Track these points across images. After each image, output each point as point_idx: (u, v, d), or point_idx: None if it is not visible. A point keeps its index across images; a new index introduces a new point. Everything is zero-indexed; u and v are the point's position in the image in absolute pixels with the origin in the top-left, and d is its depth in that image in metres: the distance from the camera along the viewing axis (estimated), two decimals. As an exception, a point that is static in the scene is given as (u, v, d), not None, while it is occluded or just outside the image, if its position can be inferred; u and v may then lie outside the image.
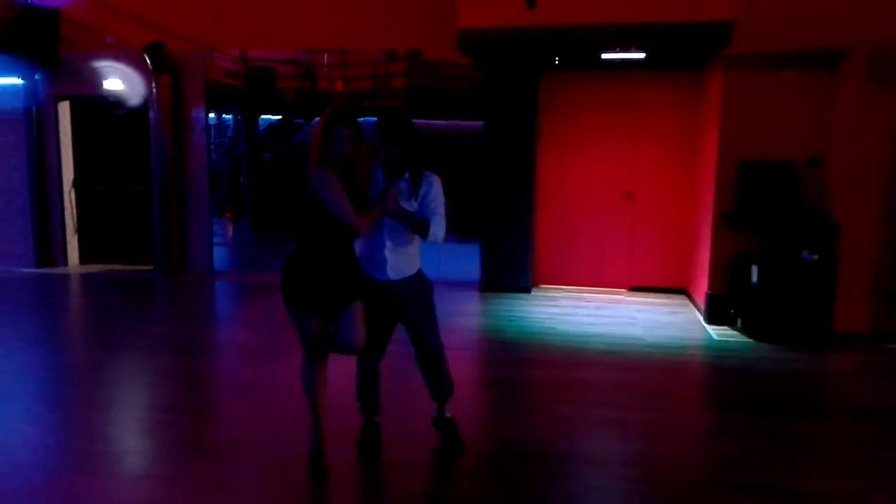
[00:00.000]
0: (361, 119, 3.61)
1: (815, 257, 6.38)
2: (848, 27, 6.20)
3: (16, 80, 9.16)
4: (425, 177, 3.71)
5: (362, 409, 4.02)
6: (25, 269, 9.30)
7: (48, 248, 9.47)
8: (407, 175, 3.69)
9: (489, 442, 4.28)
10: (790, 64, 6.66)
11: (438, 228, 3.69)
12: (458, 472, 3.87)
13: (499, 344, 6.43)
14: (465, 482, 3.79)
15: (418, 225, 3.68)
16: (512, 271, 8.28)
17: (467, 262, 8.48)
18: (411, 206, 3.68)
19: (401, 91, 8.76)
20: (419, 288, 3.83)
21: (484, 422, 4.72)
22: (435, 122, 8.56)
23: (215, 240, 9.30)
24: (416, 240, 3.79)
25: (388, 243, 3.71)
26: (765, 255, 6.54)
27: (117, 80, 9.00)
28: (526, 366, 5.82)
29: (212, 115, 9.19)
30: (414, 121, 3.76)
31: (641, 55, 7.29)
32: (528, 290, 8.29)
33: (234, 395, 5.14)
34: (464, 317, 7.35)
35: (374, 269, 3.75)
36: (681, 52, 7.31)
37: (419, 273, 3.85)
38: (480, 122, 8.25)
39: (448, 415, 4.05)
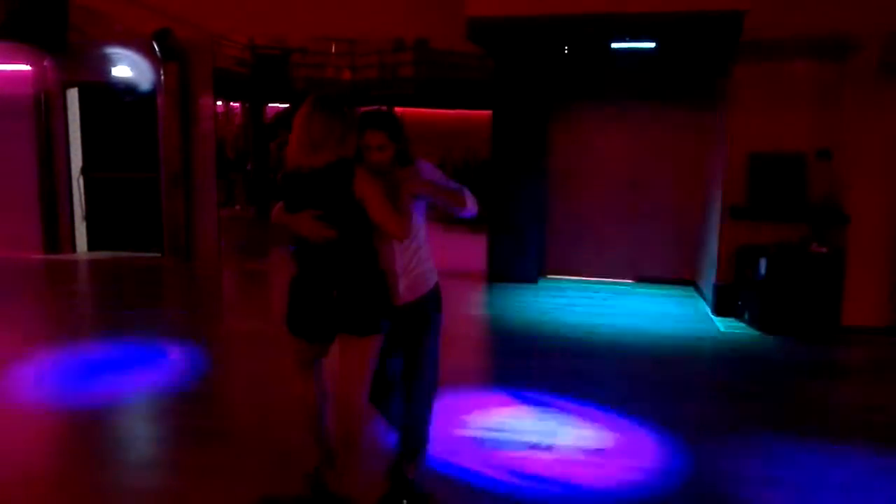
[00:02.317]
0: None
1: (825, 250, 6.35)
2: (859, 17, 6.15)
3: (24, 67, 9.16)
4: (421, 169, 3.19)
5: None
6: (34, 256, 9.34)
7: (56, 234, 9.50)
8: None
9: (495, 431, 4.29)
10: (801, 54, 6.60)
11: (468, 196, 3.20)
12: (463, 461, 3.87)
13: (505, 334, 6.43)
14: (469, 471, 3.79)
15: (454, 195, 3.18)
16: (519, 262, 8.26)
17: (474, 252, 8.46)
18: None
19: (409, 80, 8.74)
20: (436, 302, 3.32)
21: (490, 412, 4.73)
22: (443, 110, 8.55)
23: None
24: (428, 253, 3.29)
25: (402, 264, 3.17)
26: (773, 247, 6.50)
27: (125, 67, 9.00)
28: (532, 356, 5.82)
29: (219, 102, 9.18)
30: (424, 110, 3.55)
31: (651, 45, 7.23)
32: (535, 281, 8.28)
33: (240, 383, 5.16)
34: (470, 307, 7.35)
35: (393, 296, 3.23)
36: (692, 42, 7.25)
37: (437, 286, 3.33)
38: (486, 112, 8.21)
39: (410, 476, 3.32)
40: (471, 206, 3.21)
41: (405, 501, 3.27)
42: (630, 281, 8.47)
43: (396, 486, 3.29)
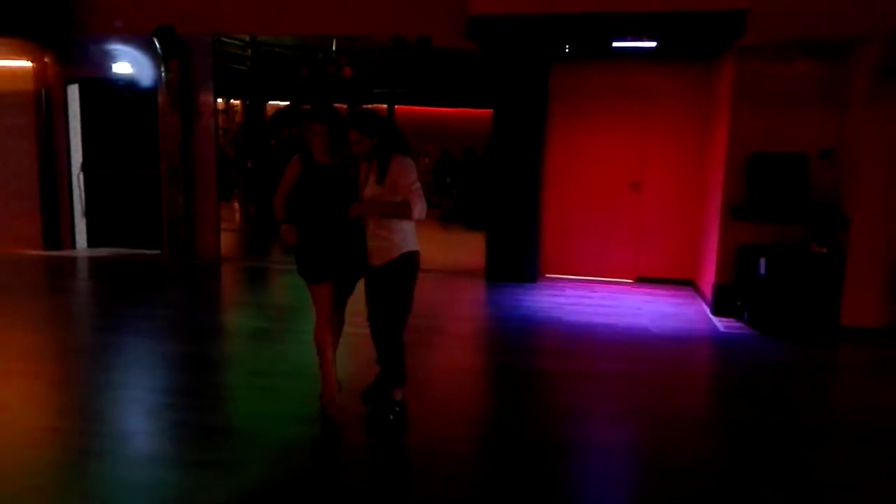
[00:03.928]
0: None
1: (824, 250, 6.35)
2: (862, 17, 6.14)
3: (25, 63, 9.16)
4: (393, 161, 3.88)
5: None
6: (34, 252, 9.34)
7: (56, 230, 9.50)
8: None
9: (493, 429, 4.29)
10: (803, 54, 6.60)
11: (417, 205, 3.87)
12: (460, 457, 3.88)
13: (504, 333, 6.43)
14: (467, 467, 3.80)
15: (398, 210, 3.90)
16: (518, 260, 8.26)
17: (472, 250, 8.46)
18: (378, 189, 3.91)
19: (409, 78, 8.74)
20: (401, 271, 4.00)
21: (488, 409, 4.74)
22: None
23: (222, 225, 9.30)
24: (399, 225, 3.96)
25: (371, 230, 3.99)
26: (773, 247, 6.50)
27: (126, 64, 9.00)
28: (531, 355, 5.82)
29: (220, 99, 9.17)
30: (423, 108, 3.86)
31: (653, 44, 7.23)
32: (534, 280, 8.28)
33: (240, 379, 5.16)
34: (469, 306, 7.35)
35: (368, 256, 4.07)
36: (693, 41, 7.25)
37: (405, 256, 3.99)
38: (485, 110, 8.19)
39: (398, 398, 4.19)
40: (418, 215, 3.90)
41: (391, 416, 4.09)
42: (629, 280, 8.47)
43: (383, 405, 4.14)
